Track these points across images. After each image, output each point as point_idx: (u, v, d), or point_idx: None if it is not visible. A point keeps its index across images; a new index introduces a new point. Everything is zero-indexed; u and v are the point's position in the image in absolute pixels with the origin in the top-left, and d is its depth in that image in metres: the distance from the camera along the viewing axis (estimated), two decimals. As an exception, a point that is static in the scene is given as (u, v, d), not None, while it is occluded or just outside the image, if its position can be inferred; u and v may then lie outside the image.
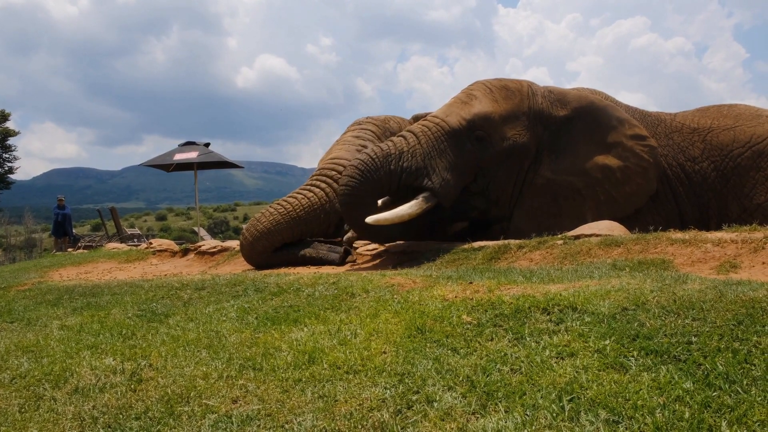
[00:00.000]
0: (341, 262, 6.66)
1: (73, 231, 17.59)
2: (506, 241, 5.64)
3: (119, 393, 2.69)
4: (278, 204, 7.00)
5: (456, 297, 3.40)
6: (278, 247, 6.86)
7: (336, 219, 7.04)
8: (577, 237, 5.38)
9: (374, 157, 6.18)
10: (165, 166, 15.32)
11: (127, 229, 19.72)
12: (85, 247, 15.61)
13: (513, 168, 6.52)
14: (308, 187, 7.13)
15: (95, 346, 3.49)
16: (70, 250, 15.28)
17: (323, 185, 7.04)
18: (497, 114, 6.44)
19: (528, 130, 6.50)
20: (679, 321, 2.58)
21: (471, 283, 3.74)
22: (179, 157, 14.21)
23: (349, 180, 6.12)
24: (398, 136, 6.48)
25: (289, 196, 7.08)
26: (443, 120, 6.41)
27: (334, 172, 7.14)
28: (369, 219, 6.02)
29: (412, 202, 6.13)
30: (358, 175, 6.12)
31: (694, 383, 2.11)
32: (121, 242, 15.86)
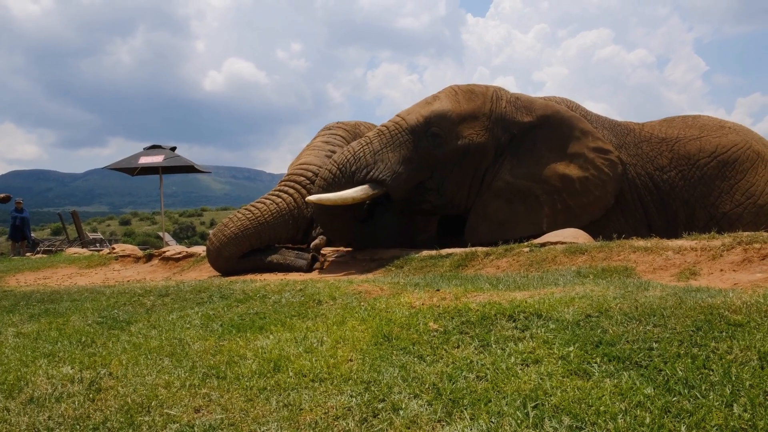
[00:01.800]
0: (309, 269, 6.62)
1: (32, 235, 17.09)
2: (473, 249, 5.68)
3: (77, 403, 2.61)
4: (246, 209, 6.93)
5: (423, 304, 3.40)
6: (245, 253, 6.78)
7: (304, 225, 7.01)
8: (543, 244, 5.45)
9: (333, 171, 6.49)
10: (130, 169, 15.03)
11: (88, 234, 19.27)
12: (44, 252, 15.20)
13: (469, 167, 6.66)
14: (276, 192, 7.08)
15: (52, 354, 3.38)
16: (28, 254, 14.84)
17: (291, 191, 7.01)
18: (455, 113, 6.65)
19: (487, 131, 6.64)
20: (641, 327, 2.62)
21: (438, 290, 3.75)
22: (144, 160, 13.97)
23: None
24: (360, 139, 6.79)
25: (257, 202, 7.02)
26: (403, 118, 6.72)
27: (302, 178, 7.11)
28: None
29: (358, 187, 6.38)
30: (323, 192, 6.42)
31: (654, 389, 2.15)
32: (83, 247, 15.49)
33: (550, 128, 6.79)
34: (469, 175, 6.67)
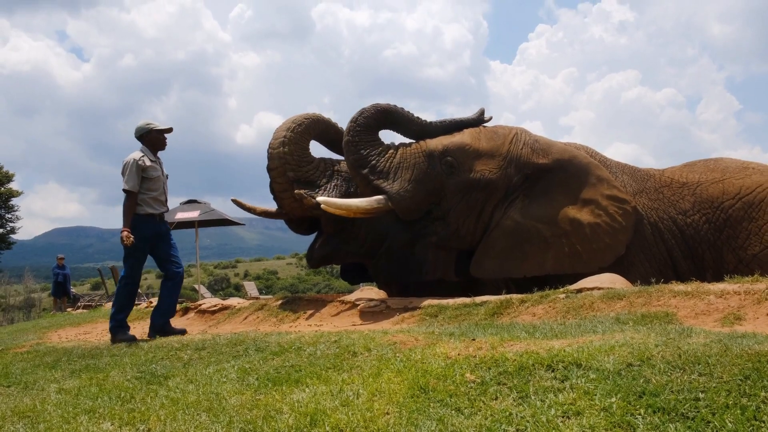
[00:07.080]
0: None
1: (72, 290, 17.50)
2: (508, 296, 5.62)
3: (117, 460, 2.63)
4: None
5: (459, 354, 3.37)
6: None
7: None
8: (579, 290, 5.36)
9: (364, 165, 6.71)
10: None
11: (127, 288, 19.59)
12: (84, 307, 15.51)
13: (477, 202, 6.72)
14: None
15: (93, 411, 3.43)
16: (69, 309, 15.17)
17: None
18: (472, 148, 6.78)
19: (500, 170, 6.73)
20: (686, 377, 2.54)
21: (474, 339, 3.71)
22: (181, 216, 14.31)
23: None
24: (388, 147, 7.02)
25: None
26: (426, 143, 6.90)
27: None
28: (320, 198, 6.46)
29: (366, 198, 6.51)
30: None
31: (703, 442, 2.07)
32: (121, 301, 15.75)
33: (565, 172, 6.78)
34: (476, 209, 6.74)
